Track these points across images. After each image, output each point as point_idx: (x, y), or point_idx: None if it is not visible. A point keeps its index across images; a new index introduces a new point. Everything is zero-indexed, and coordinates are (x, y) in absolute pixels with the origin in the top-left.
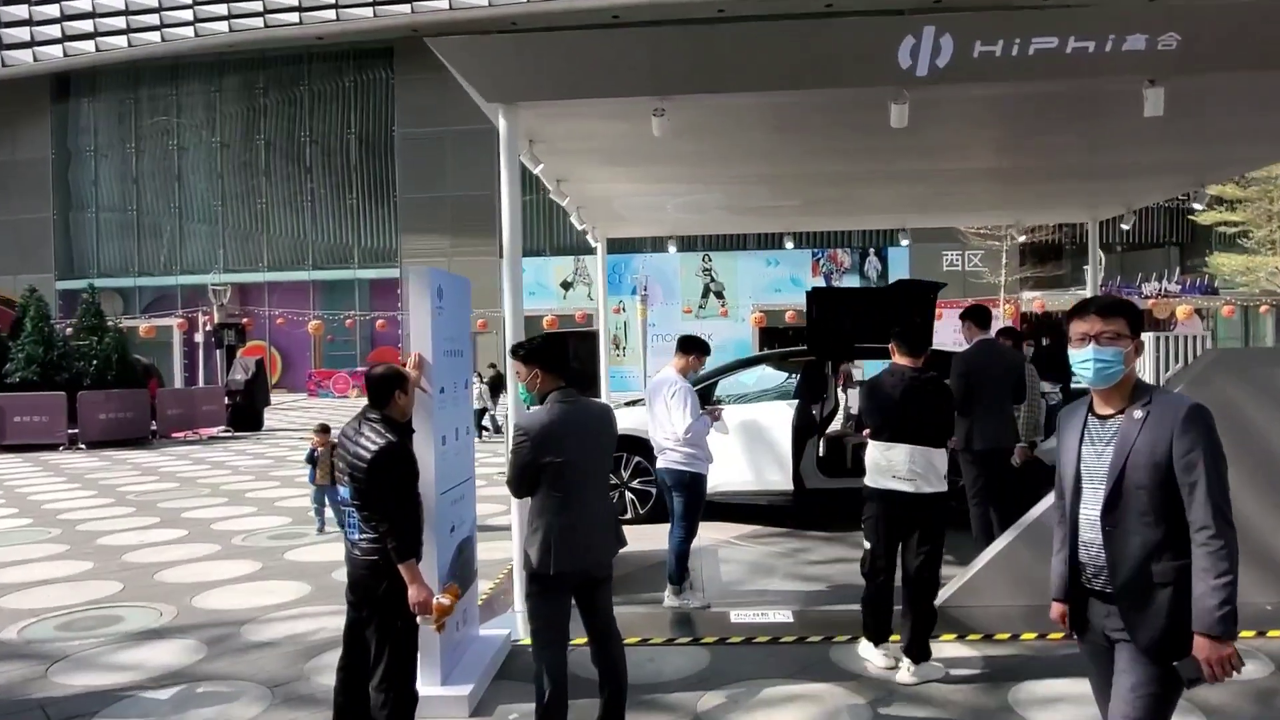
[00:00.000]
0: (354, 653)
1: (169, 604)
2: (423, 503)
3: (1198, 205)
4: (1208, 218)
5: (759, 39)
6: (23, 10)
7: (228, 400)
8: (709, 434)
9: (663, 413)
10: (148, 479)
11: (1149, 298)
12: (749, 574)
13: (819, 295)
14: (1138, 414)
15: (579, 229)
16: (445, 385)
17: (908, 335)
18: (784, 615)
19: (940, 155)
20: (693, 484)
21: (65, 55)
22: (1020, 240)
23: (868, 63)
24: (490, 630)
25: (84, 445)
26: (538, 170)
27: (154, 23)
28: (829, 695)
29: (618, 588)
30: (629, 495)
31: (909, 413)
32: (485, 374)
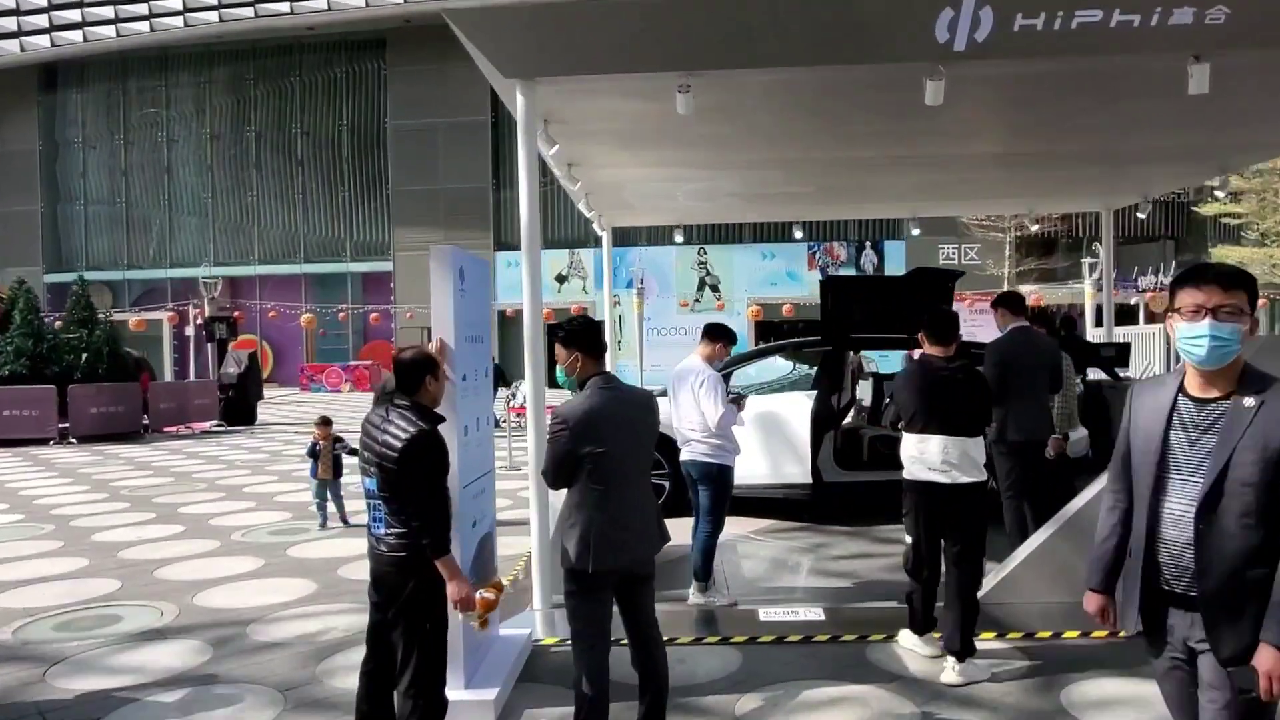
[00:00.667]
0: (378, 656)
1: (170, 602)
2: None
3: (1220, 193)
4: (1210, 209)
5: (792, 12)
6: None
7: (220, 394)
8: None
9: (689, 402)
10: (141, 474)
11: (1145, 291)
12: (772, 570)
13: (833, 284)
14: (1249, 402)
15: (587, 216)
16: (467, 373)
17: (937, 324)
18: (815, 613)
19: (964, 139)
20: (720, 476)
21: (53, 45)
22: (1030, 230)
23: (904, 36)
24: (510, 630)
25: (74, 439)
26: (552, 153)
27: (143, 12)
28: (873, 698)
29: None
30: None
31: (941, 402)
32: None
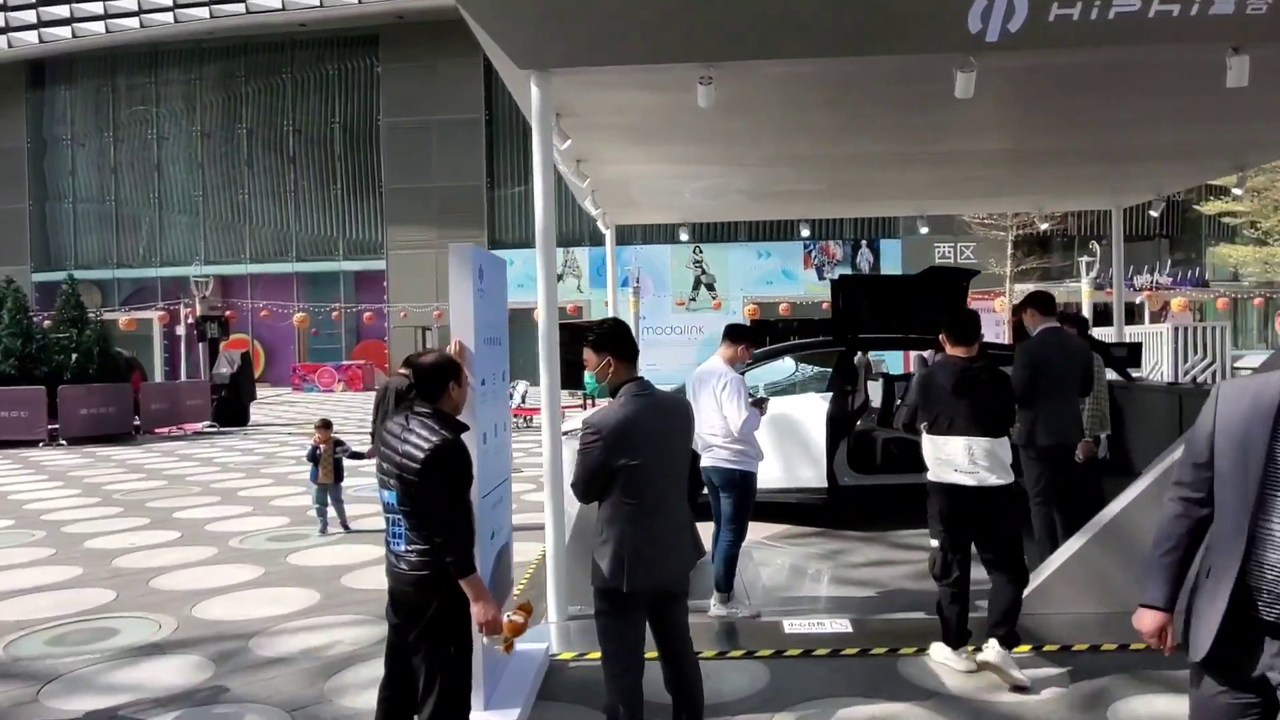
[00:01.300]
0: (398, 681)
1: (168, 614)
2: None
3: (1237, 190)
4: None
5: (821, 1)
6: None
7: (213, 395)
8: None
9: (710, 406)
10: (134, 477)
11: (1142, 290)
12: (792, 578)
13: (845, 283)
14: None
15: (591, 214)
16: (485, 376)
17: (958, 324)
18: (842, 625)
19: (980, 134)
20: (743, 483)
21: (41, 41)
22: (1040, 229)
23: (936, 26)
24: (525, 645)
25: (65, 441)
26: (564, 147)
27: (132, 8)
28: (911, 717)
29: None
30: None
31: (964, 403)
32: None
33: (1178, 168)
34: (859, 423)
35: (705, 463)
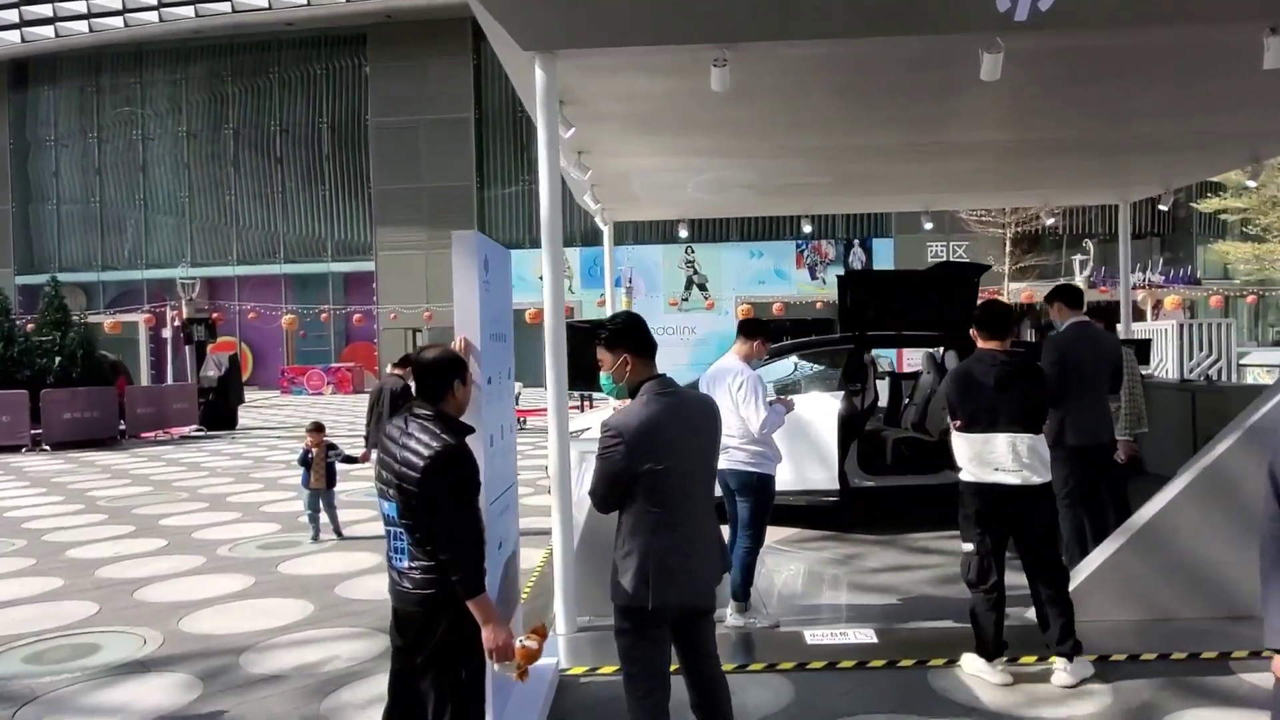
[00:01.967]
0: (403, 707)
1: (153, 628)
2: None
3: (1251, 183)
4: (1210, 205)
5: None
6: None
7: (200, 398)
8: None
9: (726, 406)
10: (118, 483)
11: (1134, 288)
12: (808, 585)
13: (852, 279)
14: None
15: (590, 210)
16: (491, 375)
17: (992, 317)
18: (866, 635)
19: (994, 124)
20: (761, 486)
21: (23, 41)
22: (1045, 224)
23: (963, 5)
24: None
25: (48, 447)
26: (567, 136)
27: (116, 7)
28: None
29: None
30: None
31: (1007, 398)
32: None
33: (1190, 159)
34: (869, 422)
35: (721, 465)
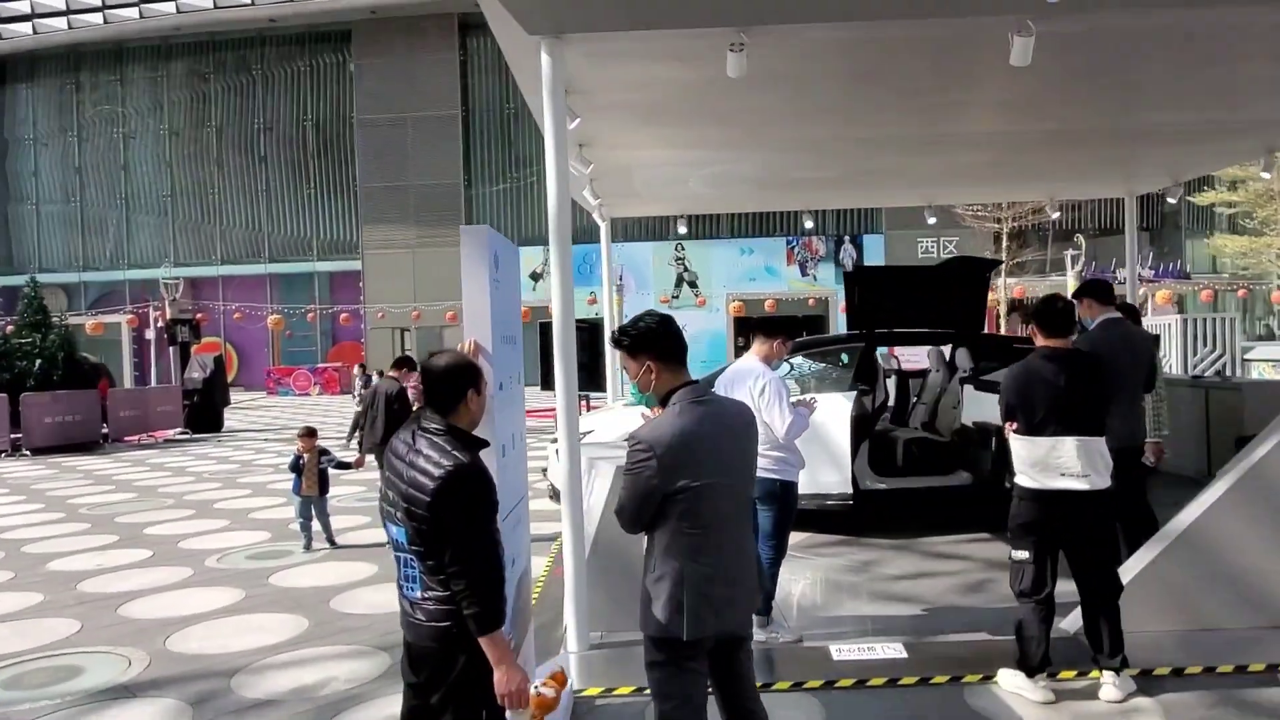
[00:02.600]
0: None
1: (139, 648)
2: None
3: (1265, 174)
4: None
5: None
6: None
7: (185, 400)
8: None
9: None
10: (101, 489)
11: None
12: (828, 595)
13: (859, 275)
14: None
15: (588, 206)
16: (503, 380)
17: (1052, 314)
18: (895, 649)
19: (1010, 113)
20: (784, 494)
21: (1, 39)
22: (1051, 218)
23: None
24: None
25: (28, 451)
26: (572, 126)
27: (95, 3)
28: None
29: None
30: None
31: (1078, 400)
32: None
33: (1201, 151)
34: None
35: None
